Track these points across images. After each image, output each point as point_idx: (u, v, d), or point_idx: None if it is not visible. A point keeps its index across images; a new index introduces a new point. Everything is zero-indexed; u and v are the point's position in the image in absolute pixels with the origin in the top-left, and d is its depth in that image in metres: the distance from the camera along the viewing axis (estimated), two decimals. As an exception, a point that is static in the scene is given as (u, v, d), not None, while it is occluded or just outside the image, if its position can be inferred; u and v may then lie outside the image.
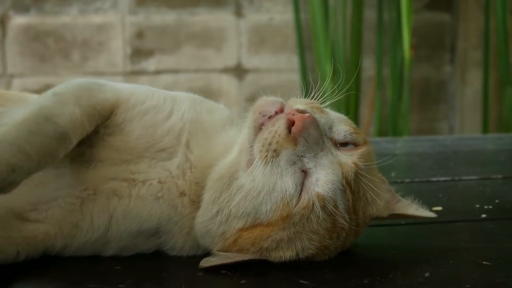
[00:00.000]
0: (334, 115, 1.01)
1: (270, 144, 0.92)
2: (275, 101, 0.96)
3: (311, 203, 0.91)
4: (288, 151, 0.91)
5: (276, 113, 0.95)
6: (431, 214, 1.04)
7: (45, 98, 1.00)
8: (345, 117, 1.03)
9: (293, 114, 0.92)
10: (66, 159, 1.00)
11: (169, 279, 0.94)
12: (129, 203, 1.01)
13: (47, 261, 1.00)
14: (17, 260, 0.97)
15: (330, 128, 0.97)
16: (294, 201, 0.91)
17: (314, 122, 0.92)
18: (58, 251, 1.02)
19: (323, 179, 0.91)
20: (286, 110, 0.94)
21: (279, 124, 0.93)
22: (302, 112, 0.93)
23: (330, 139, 0.96)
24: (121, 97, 1.05)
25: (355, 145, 0.98)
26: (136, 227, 1.02)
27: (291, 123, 0.92)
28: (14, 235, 0.96)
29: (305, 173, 0.92)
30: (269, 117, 0.95)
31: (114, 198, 1.01)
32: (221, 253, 0.95)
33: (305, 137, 0.91)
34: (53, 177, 1.02)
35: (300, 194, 0.91)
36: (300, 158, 0.92)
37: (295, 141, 0.91)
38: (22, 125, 0.91)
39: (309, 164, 0.92)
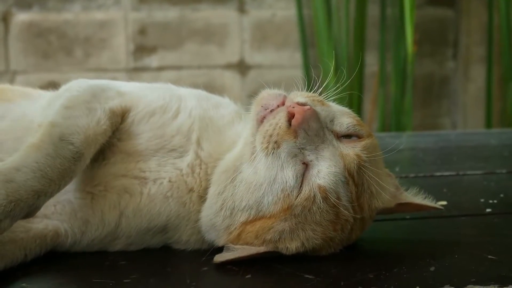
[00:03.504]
0: (336, 107, 1.01)
1: (271, 136, 0.93)
2: (277, 94, 0.97)
3: (312, 194, 0.91)
4: (289, 143, 0.92)
5: (278, 106, 0.95)
6: (438, 206, 1.04)
7: (55, 112, 0.99)
8: (348, 110, 1.02)
9: (293, 107, 0.93)
10: None
11: (174, 274, 0.94)
12: (140, 201, 1.01)
13: (52, 256, 1.00)
14: (25, 261, 0.97)
15: (332, 120, 0.97)
16: (295, 193, 0.91)
17: (314, 114, 0.92)
18: (67, 248, 1.02)
19: (325, 171, 0.91)
20: (287, 103, 0.95)
21: (280, 117, 0.93)
22: (303, 104, 0.94)
23: (332, 131, 0.96)
24: (129, 103, 1.05)
25: (359, 137, 0.97)
26: (145, 225, 1.02)
27: (291, 116, 0.92)
28: (22, 236, 0.96)
29: (306, 165, 0.92)
30: (271, 111, 0.95)
31: (125, 195, 1.01)
32: (237, 246, 0.95)
33: (305, 130, 0.91)
34: None
35: (301, 186, 0.92)
36: (301, 151, 0.92)
37: (295, 134, 0.92)
38: (40, 148, 0.91)
39: (310, 156, 0.92)
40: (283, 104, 0.95)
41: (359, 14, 3.24)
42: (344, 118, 0.98)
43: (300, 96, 0.97)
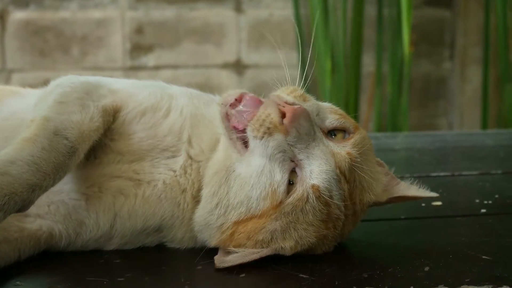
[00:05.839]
0: (317, 101, 1.01)
1: (264, 120, 0.92)
2: (235, 91, 0.97)
3: (305, 194, 0.91)
4: (280, 136, 0.92)
5: (236, 100, 0.95)
6: (433, 194, 1.03)
7: (49, 107, 0.98)
8: (330, 104, 1.03)
9: (284, 106, 0.93)
10: None
11: (168, 272, 0.94)
12: (134, 203, 1.01)
13: (46, 254, 1.00)
14: (18, 261, 0.96)
15: (318, 114, 0.97)
16: (282, 189, 0.91)
17: (305, 113, 0.93)
18: (61, 249, 1.01)
19: (317, 170, 0.92)
20: (276, 101, 0.95)
21: (271, 110, 0.93)
22: (292, 104, 0.94)
23: (320, 127, 0.96)
24: (119, 102, 1.05)
25: (347, 132, 0.98)
26: (140, 225, 1.02)
27: (282, 114, 0.92)
28: (15, 236, 0.96)
29: (295, 163, 0.93)
30: (230, 105, 0.96)
31: (120, 197, 1.01)
32: (238, 249, 0.94)
33: (297, 128, 0.91)
34: None
35: (289, 184, 0.92)
36: (290, 148, 0.92)
37: (286, 132, 0.92)
38: (35, 142, 0.90)
39: (300, 155, 0.92)
40: (240, 98, 0.96)
41: (356, 14, 3.23)
42: (329, 114, 0.99)
43: (285, 94, 0.97)
